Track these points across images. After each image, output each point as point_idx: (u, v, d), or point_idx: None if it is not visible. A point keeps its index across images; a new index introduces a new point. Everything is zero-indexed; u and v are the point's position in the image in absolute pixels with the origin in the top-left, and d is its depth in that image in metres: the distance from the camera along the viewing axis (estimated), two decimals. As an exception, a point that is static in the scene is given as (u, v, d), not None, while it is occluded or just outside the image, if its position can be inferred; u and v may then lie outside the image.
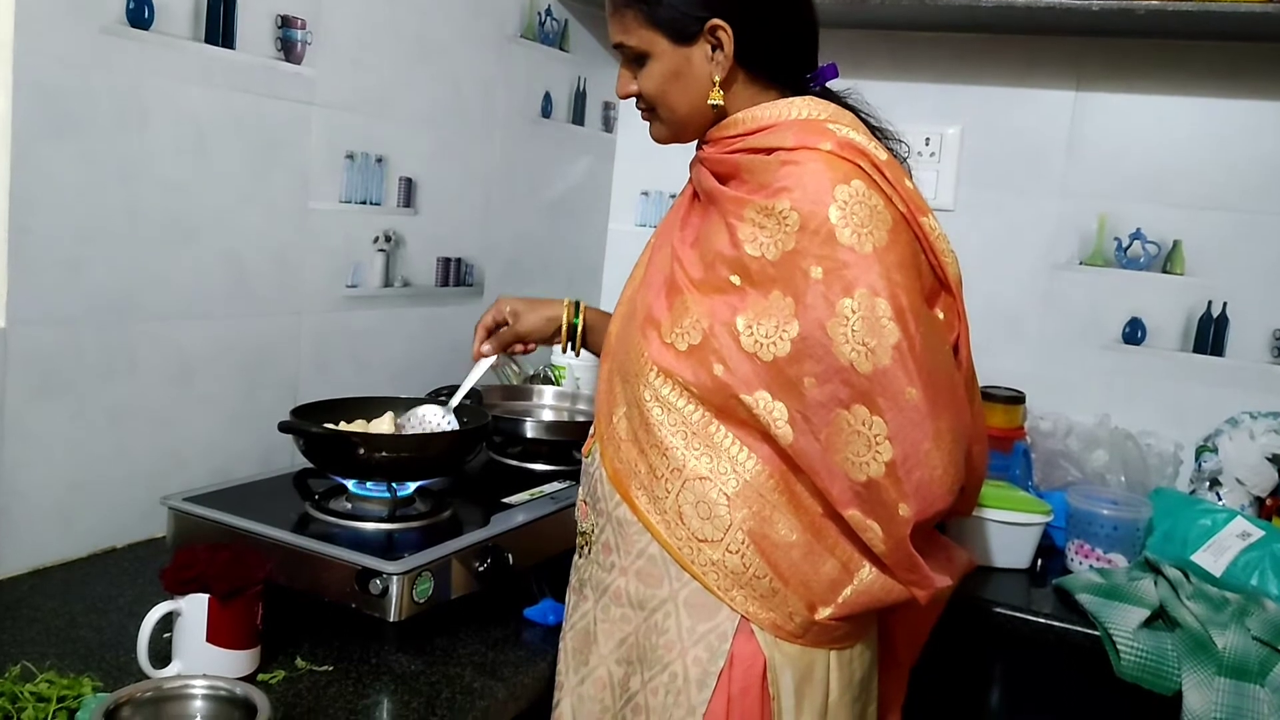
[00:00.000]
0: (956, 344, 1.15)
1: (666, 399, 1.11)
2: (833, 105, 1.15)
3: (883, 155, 1.09)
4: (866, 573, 1.11)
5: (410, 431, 1.53)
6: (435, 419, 1.55)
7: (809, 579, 1.10)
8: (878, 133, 1.16)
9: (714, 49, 1.12)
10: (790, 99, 1.15)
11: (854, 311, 1.02)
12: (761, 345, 1.05)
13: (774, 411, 1.06)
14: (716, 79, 1.13)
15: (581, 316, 1.45)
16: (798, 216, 1.04)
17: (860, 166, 1.06)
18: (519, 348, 1.49)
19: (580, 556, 1.24)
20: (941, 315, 1.12)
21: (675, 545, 1.11)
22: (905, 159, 1.17)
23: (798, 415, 1.05)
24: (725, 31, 1.11)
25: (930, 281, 1.11)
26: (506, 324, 1.46)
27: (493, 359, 1.49)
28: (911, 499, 1.04)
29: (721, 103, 1.13)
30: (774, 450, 1.09)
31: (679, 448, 1.10)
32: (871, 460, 1.03)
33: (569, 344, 1.46)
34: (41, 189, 1.31)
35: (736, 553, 1.09)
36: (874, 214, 1.04)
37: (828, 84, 1.20)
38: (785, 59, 1.16)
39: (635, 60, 1.17)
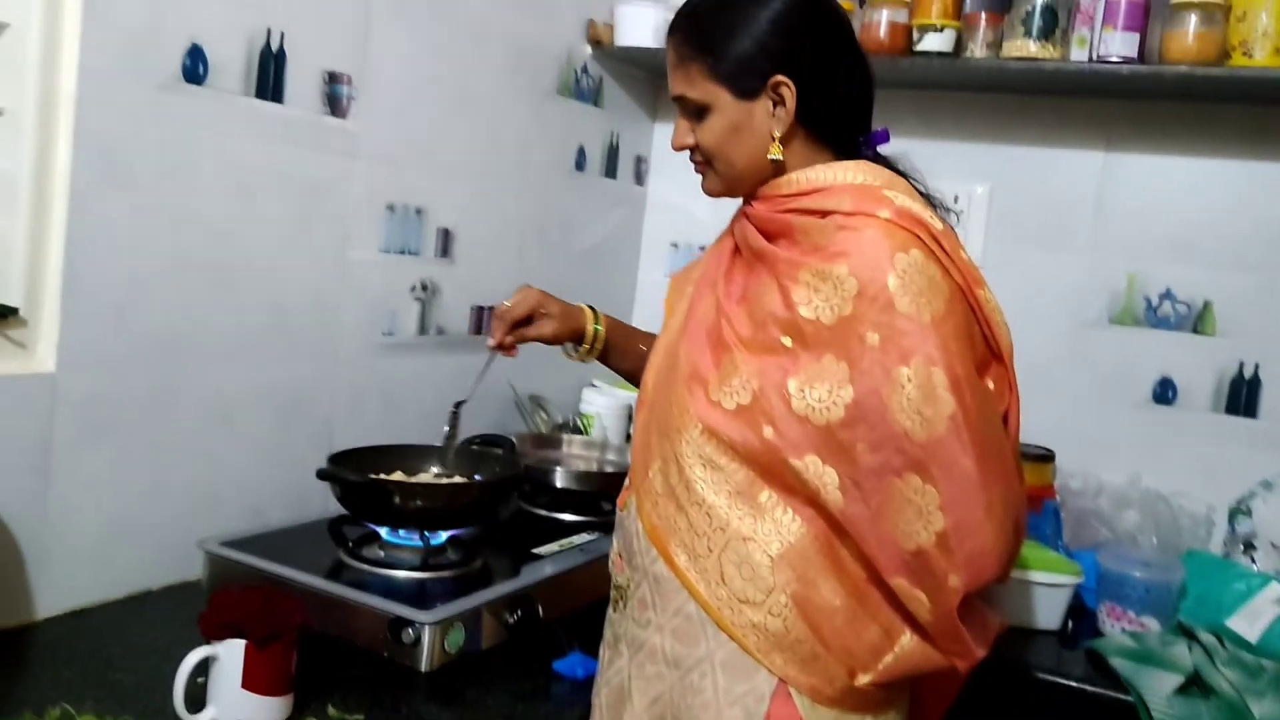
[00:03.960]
0: (1006, 414, 1.14)
1: (710, 457, 1.10)
2: (887, 171, 1.16)
3: (939, 225, 1.09)
4: (908, 640, 1.09)
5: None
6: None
7: (851, 645, 1.08)
8: (927, 200, 1.16)
9: (776, 105, 1.12)
10: (844, 163, 1.15)
11: (910, 380, 1.01)
12: (814, 409, 1.04)
13: (824, 476, 1.05)
14: (777, 134, 1.13)
15: (603, 324, 1.41)
16: (855, 283, 1.04)
17: (918, 236, 1.06)
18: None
19: (615, 611, 1.22)
20: (992, 385, 1.12)
21: (715, 605, 1.09)
22: (954, 228, 1.16)
23: (849, 481, 1.04)
24: (789, 88, 1.11)
25: (982, 351, 1.11)
26: (531, 320, 1.38)
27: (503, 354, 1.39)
28: (963, 569, 1.03)
29: (781, 158, 1.14)
30: (818, 513, 1.07)
31: (722, 506, 1.09)
32: (922, 530, 1.02)
33: (590, 350, 1.41)
34: (95, 237, 1.35)
35: (779, 616, 1.07)
36: (932, 284, 1.04)
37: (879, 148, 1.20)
38: (843, 120, 1.17)
39: (695, 113, 1.16)
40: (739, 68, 1.12)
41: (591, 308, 1.44)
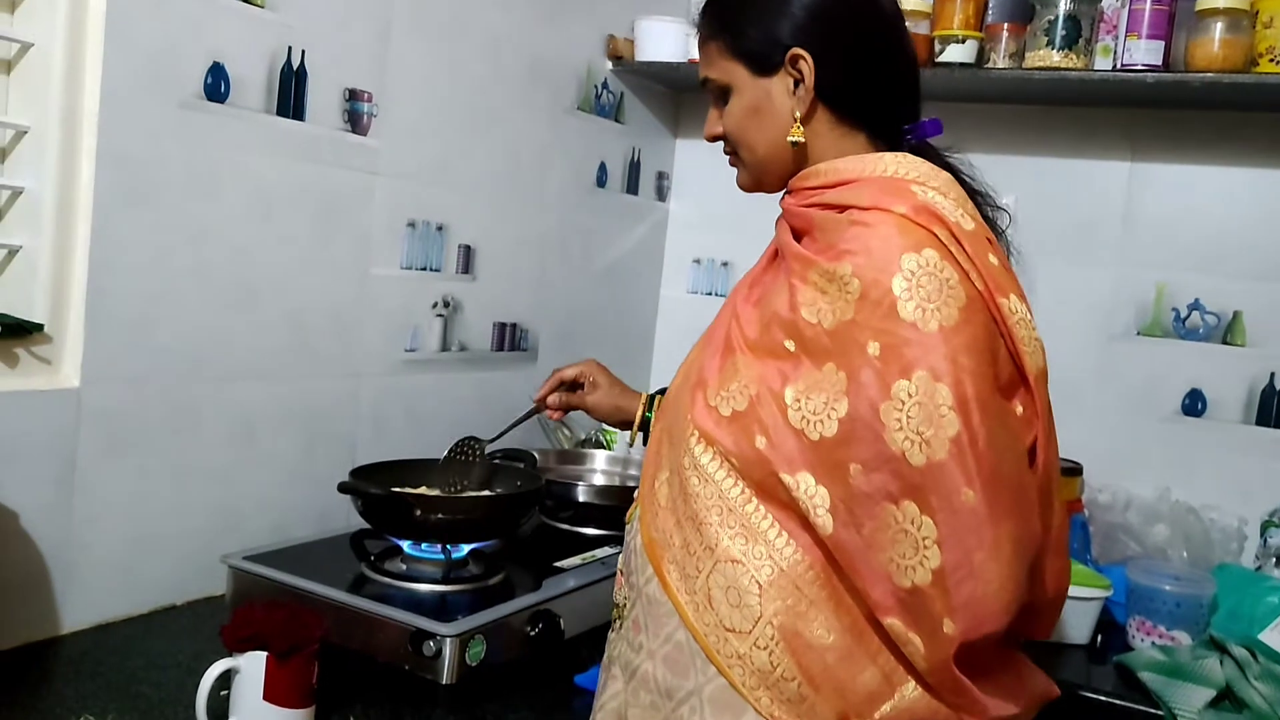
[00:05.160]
0: (1033, 446, 0.99)
1: (705, 469, 1.02)
2: (926, 164, 1.04)
3: (969, 225, 0.98)
4: (911, 689, 0.96)
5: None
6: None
7: (844, 687, 0.96)
8: (978, 197, 1.08)
9: (796, 83, 1.05)
10: (881, 154, 1.05)
11: (910, 396, 0.90)
12: (809, 422, 0.95)
13: (815, 497, 0.95)
14: (798, 114, 1.05)
15: (655, 411, 1.32)
16: (859, 284, 0.94)
17: (935, 235, 0.95)
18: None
19: (612, 630, 1.14)
20: (1021, 410, 0.98)
21: (702, 631, 1.00)
22: (1005, 230, 1.08)
23: (840, 504, 0.94)
24: (806, 62, 1.03)
25: (1009, 370, 0.97)
26: (582, 386, 1.44)
27: (545, 413, 1.47)
28: (958, 614, 0.90)
29: (802, 139, 1.05)
30: (815, 539, 0.97)
31: (713, 524, 1.00)
32: (919, 565, 0.91)
33: (639, 435, 1.40)
34: (118, 254, 1.36)
35: (765, 649, 0.97)
36: (945, 288, 0.93)
37: (929, 141, 1.11)
38: (872, 99, 1.08)
39: (720, 97, 1.11)
40: (755, 43, 1.06)
41: (653, 397, 1.39)
